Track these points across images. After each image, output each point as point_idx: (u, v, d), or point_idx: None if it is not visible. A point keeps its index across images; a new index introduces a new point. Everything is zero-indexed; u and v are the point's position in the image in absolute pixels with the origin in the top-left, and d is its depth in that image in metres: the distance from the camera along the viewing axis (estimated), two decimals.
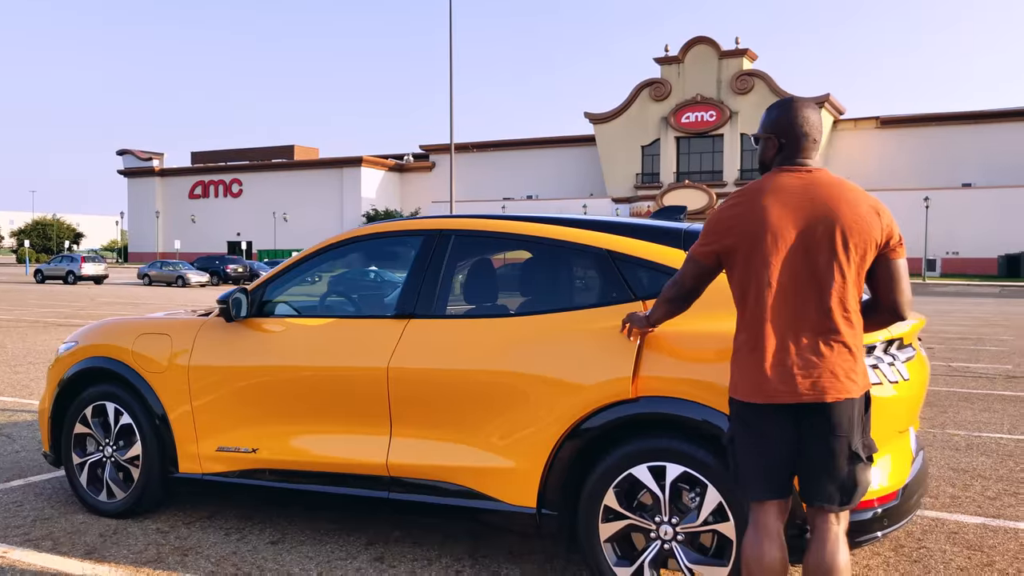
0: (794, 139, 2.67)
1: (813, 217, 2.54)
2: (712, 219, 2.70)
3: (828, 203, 2.56)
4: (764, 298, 2.56)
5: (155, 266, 44.06)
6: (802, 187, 2.60)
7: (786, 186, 2.61)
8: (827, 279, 2.53)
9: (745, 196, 2.65)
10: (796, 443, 2.60)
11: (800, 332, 2.54)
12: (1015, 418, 7.45)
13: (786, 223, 2.55)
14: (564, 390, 3.40)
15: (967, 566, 3.86)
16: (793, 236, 2.54)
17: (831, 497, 2.59)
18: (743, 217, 2.61)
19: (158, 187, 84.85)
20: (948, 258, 55.66)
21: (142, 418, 4.36)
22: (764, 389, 2.55)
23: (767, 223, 2.56)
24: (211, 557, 3.92)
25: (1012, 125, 59.84)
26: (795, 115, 2.67)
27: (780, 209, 2.56)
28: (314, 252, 4.25)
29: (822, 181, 2.61)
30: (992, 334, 15.99)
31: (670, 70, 65.08)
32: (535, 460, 3.45)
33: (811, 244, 2.53)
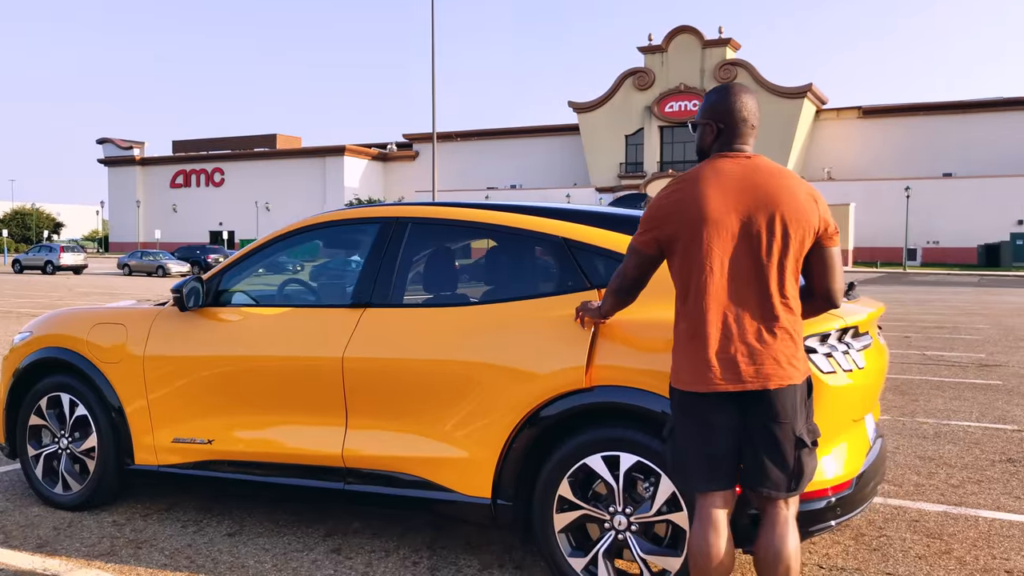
0: (733, 124, 2.64)
1: (754, 203, 2.52)
2: (651, 207, 2.66)
3: (769, 190, 2.54)
4: (706, 286, 2.53)
5: (135, 256, 43.69)
6: (742, 173, 2.57)
7: (726, 171, 2.58)
8: (769, 266, 2.52)
9: (684, 183, 2.61)
10: (740, 432, 2.58)
11: (743, 319, 2.52)
12: (984, 406, 7.49)
13: (727, 210, 2.52)
14: (518, 379, 3.36)
15: (925, 554, 3.86)
16: (735, 223, 2.52)
17: (778, 484, 2.58)
18: (683, 204, 2.57)
19: (139, 176, 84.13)
20: (929, 247, 56.04)
21: (97, 409, 4.29)
22: (708, 377, 2.52)
23: (707, 210, 2.52)
24: (165, 550, 3.87)
25: (992, 115, 60.22)
26: (733, 100, 2.64)
27: (721, 195, 2.53)
28: (271, 240, 4.19)
29: (761, 167, 2.59)
30: (968, 323, 16.09)
31: (654, 59, 65.01)
32: (490, 450, 3.41)
33: (753, 231, 2.52)
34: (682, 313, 2.62)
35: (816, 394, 2.99)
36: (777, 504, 2.61)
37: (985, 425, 6.68)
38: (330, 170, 76.27)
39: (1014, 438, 6.23)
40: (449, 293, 3.90)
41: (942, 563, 3.75)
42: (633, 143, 66.52)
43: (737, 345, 2.51)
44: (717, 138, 2.66)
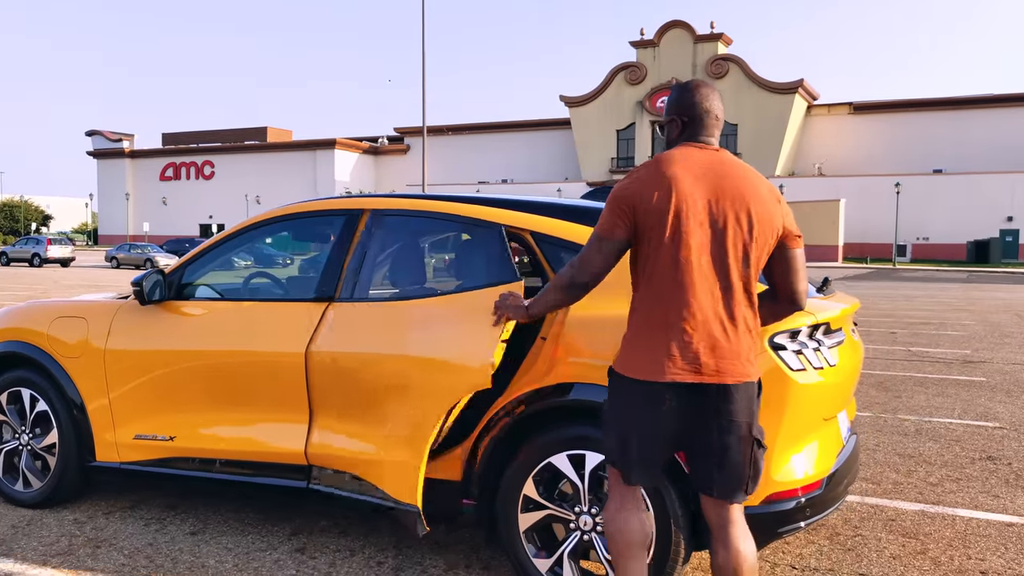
0: (696, 116, 2.58)
1: (722, 195, 2.46)
2: (617, 195, 2.54)
3: (737, 184, 2.48)
4: (670, 275, 2.45)
5: (123, 249, 43.43)
6: (710, 162, 2.51)
7: (694, 159, 2.51)
8: (735, 260, 2.45)
9: (650, 169, 2.52)
10: (684, 424, 2.48)
11: (706, 312, 2.44)
12: (966, 403, 7.44)
13: (696, 198, 2.45)
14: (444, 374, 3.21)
15: (900, 554, 3.80)
16: (702, 210, 2.45)
17: (735, 486, 2.50)
18: (651, 186, 2.47)
19: (128, 169, 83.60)
20: (918, 244, 56.17)
21: (58, 405, 4.19)
22: (667, 367, 2.43)
23: (676, 193, 2.44)
24: (124, 549, 3.77)
25: (983, 112, 60.32)
26: (695, 92, 2.59)
27: (691, 182, 2.46)
28: (236, 232, 4.09)
29: (727, 161, 2.53)
30: (955, 319, 16.08)
31: (646, 54, 64.90)
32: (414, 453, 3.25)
33: (720, 222, 2.45)
34: (642, 302, 2.52)
35: (785, 392, 2.93)
36: (732, 509, 2.53)
37: (967, 422, 6.63)
38: (321, 163, 75.97)
39: (995, 435, 6.19)
40: (416, 286, 3.81)
41: (916, 563, 3.69)
42: (624, 138, 66.43)
43: (700, 336, 2.42)
44: (682, 132, 2.61)
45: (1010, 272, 41.13)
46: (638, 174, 2.53)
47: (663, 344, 2.44)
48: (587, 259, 2.60)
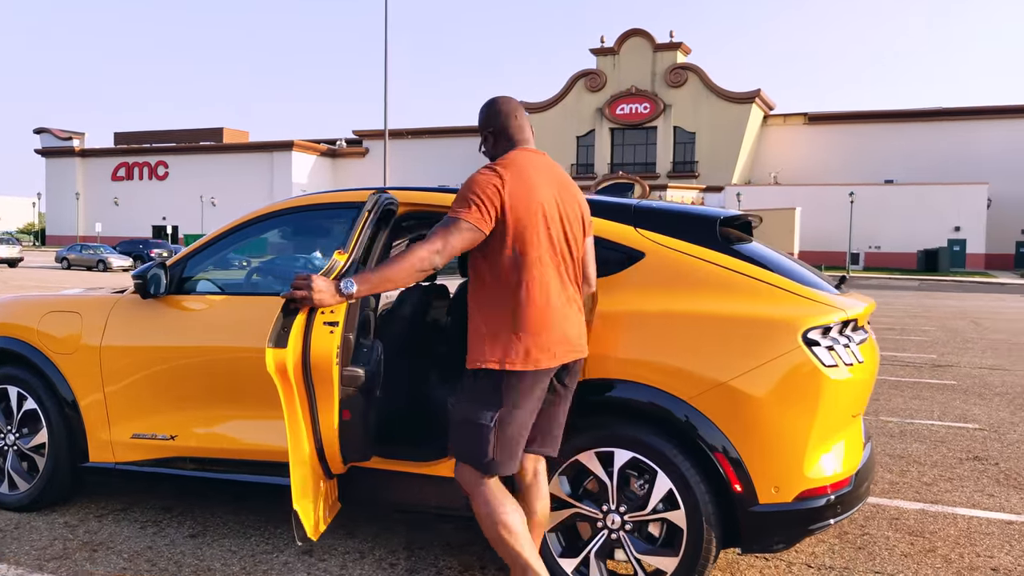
0: (502, 124, 2.85)
1: (562, 194, 2.81)
2: (487, 191, 2.66)
3: (567, 182, 2.87)
4: (540, 266, 2.70)
5: (74, 249, 42.33)
6: (546, 165, 2.83)
7: (534, 162, 2.79)
8: (576, 250, 2.83)
9: (511, 170, 2.72)
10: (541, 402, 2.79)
11: (563, 297, 2.75)
12: (944, 405, 7.57)
13: (549, 196, 2.75)
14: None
15: (911, 552, 3.82)
16: (555, 209, 2.76)
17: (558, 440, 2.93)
18: (518, 188, 2.68)
19: (79, 168, 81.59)
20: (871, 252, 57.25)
21: (48, 403, 4.02)
22: (554, 352, 2.69)
23: (536, 194, 2.71)
24: (124, 552, 3.63)
25: (934, 124, 61.75)
26: (493, 104, 2.89)
27: (543, 182, 2.76)
28: (239, 225, 3.96)
29: (553, 162, 2.88)
30: (915, 325, 16.40)
31: (606, 61, 65.27)
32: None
33: (567, 219, 2.79)
34: (515, 296, 2.68)
35: (819, 388, 2.92)
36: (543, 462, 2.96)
37: (948, 424, 6.73)
38: (278, 165, 74.98)
39: (977, 436, 6.29)
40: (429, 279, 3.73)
41: (929, 561, 3.71)
42: (584, 144, 66.71)
43: (569, 320, 2.76)
44: (497, 142, 2.88)
45: (958, 280, 42.13)
46: (502, 174, 2.71)
47: (548, 332, 2.69)
48: (454, 247, 2.65)
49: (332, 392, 2.92)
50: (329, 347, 2.87)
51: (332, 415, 2.94)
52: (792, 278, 3.16)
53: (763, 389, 2.92)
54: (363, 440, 3.09)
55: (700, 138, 61.76)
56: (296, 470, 2.92)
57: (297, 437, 2.92)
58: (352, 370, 2.97)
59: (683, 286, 3.14)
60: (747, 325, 2.99)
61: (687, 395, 2.97)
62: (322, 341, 2.87)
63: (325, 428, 2.96)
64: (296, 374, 2.86)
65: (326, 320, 2.88)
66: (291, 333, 2.82)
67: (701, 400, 2.96)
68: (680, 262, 3.18)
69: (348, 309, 2.91)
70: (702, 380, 2.97)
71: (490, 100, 2.93)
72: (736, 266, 3.14)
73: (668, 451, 2.97)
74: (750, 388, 2.92)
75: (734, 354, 2.96)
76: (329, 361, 2.87)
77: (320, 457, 3.01)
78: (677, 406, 2.97)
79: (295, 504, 2.91)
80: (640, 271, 3.21)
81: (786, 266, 3.30)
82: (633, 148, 65.78)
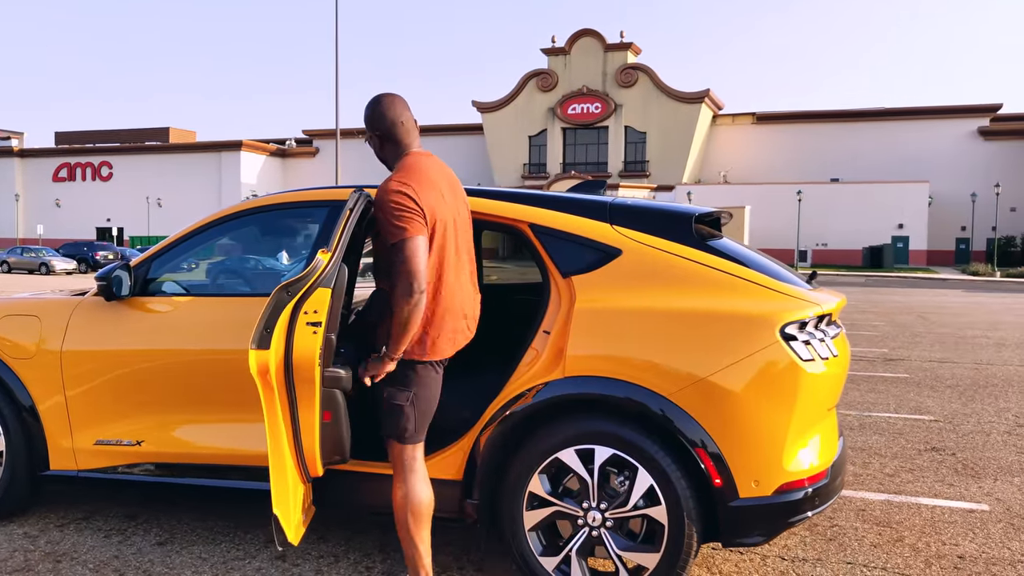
0: (387, 127, 2.96)
1: (457, 195, 3.04)
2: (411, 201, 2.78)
3: (457, 183, 3.09)
4: (453, 266, 2.93)
5: (15, 252, 41.15)
6: (439, 167, 3.00)
7: (433, 166, 2.96)
8: (472, 249, 3.09)
9: (414, 176, 2.85)
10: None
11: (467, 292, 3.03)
12: (899, 398, 7.73)
13: (451, 201, 2.96)
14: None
15: (880, 542, 3.88)
16: (456, 210, 2.99)
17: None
18: (430, 193, 2.84)
19: (18, 168, 79.29)
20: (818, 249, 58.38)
21: (5, 410, 3.88)
22: (458, 340, 2.98)
23: (443, 201, 2.90)
24: (89, 563, 3.53)
25: (878, 124, 63.21)
26: (378, 106, 2.97)
27: (445, 186, 2.95)
28: (204, 225, 3.87)
29: (443, 163, 3.05)
30: (864, 320, 16.75)
31: (557, 61, 65.52)
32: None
33: (463, 220, 3.04)
34: (438, 294, 2.90)
35: (797, 382, 2.95)
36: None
37: (904, 416, 6.88)
38: (226, 165, 73.78)
39: (933, 428, 6.44)
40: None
41: (897, 550, 3.78)
42: (536, 144, 66.90)
43: (470, 312, 3.05)
44: (384, 145, 3.01)
45: (902, 276, 43.21)
46: (414, 179, 2.84)
47: (456, 324, 2.96)
48: (419, 267, 2.79)
49: (313, 394, 2.86)
50: (312, 348, 2.81)
51: (313, 417, 2.89)
52: (767, 274, 3.19)
53: (742, 384, 2.94)
54: (342, 442, 3.04)
55: (651, 137, 62.35)
56: (276, 474, 2.86)
57: (277, 440, 2.86)
58: (333, 371, 2.92)
59: (661, 282, 3.15)
60: (725, 321, 3.01)
61: (667, 391, 2.98)
62: (305, 342, 2.82)
63: (305, 430, 2.90)
64: (278, 376, 2.80)
65: (309, 320, 2.82)
66: (274, 334, 2.76)
67: (681, 396, 2.97)
68: (657, 259, 3.19)
69: (330, 309, 2.86)
70: (681, 376, 2.98)
71: (375, 99, 2.99)
72: (712, 262, 3.16)
73: (648, 447, 2.97)
74: (729, 383, 2.94)
75: (713, 350, 2.98)
76: (312, 362, 2.81)
77: (299, 460, 2.95)
78: (657, 402, 2.98)
79: (275, 509, 2.85)
80: (617, 268, 3.21)
81: (760, 262, 3.33)
82: (585, 148, 66.16)
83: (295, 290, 2.81)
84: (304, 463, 2.96)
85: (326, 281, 2.84)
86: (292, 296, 2.81)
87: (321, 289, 2.83)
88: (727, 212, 3.79)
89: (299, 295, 2.81)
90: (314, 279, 2.82)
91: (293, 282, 2.83)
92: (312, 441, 2.92)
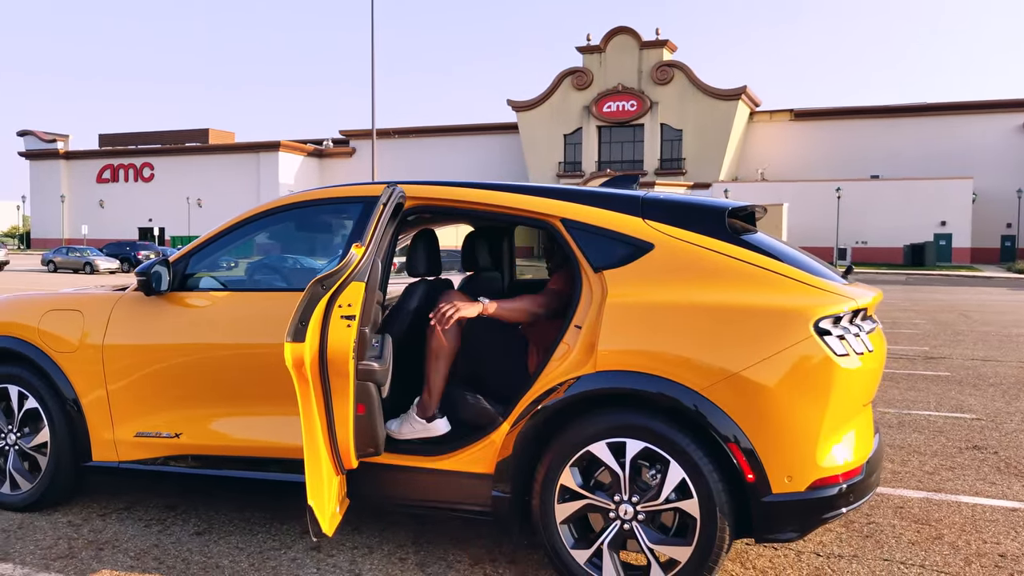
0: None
1: None
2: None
3: None
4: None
5: (60, 252, 42.04)
6: None
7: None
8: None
9: None
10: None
11: None
12: (939, 396, 7.60)
13: None
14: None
15: (918, 540, 3.83)
16: None
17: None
18: None
19: (63, 170, 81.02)
20: (858, 247, 57.52)
21: (50, 402, 3.99)
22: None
23: None
24: (130, 551, 3.60)
25: (918, 120, 62.14)
26: None
27: None
28: (243, 220, 3.93)
29: None
30: (905, 318, 16.48)
31: (592, 59, 65.31)
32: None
33: None
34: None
35: (831, 377, 2.92)
36: None
37: (945, 414, 6.76)
38: (264, 166, 74.68)
39: (975, 426, 6.32)
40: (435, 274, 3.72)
41: (936, 548, 3.72)
42: (572, 142, 66.75)
43: None
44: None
45: (945, 275, 42.43)
46: None
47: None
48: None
49: (348, 386, 2.90)
50: (346, 341, 2.85)
51: (347, 409, 2.93)
52: (801, 268, 3.16)
53: (775, 379, 2.92)
54: (376, 434, 3.07)
55: (687, 135, 61.87)
56: (311, 466, 2.90)
57: (312, 432, 2.90)
58: (367, 364, 2.96)
59: (693, 277, 3.14)
60: (758, 315, 2.99)
61: (699, 386, 2.97)
62: (339, 335, 2.85)
63: (340, 423, 2.94)
64: (312, 369, 2.85)
65: (343, 314, 2.86)
66: (309, 327, 2.80)
67: (713, 391, 2.96)
68: (690, 253, 3.18)
69: (364, 303, 2.90)
70: (714, 371, 2.97)
71: None
72: (746, 256, 3.14)
73: (680, 440, 2.96)
74: (762, 378, 2.92)
75: (746, 344, 2.96)
76: (346, 355, 2.85)
77: (334, 452, 2.99)
78: (689, 397, 2.97)
79: (310, 500, 2.89)
80: (649, 262, 3.20)
81: (794, 256, 3.30)
82: (620, 146, 65.86)
83: (330, 284, 2.85)
84: (338, 455, 3.00)
85: (360, 275, 2.88)
86: (327, 290, 2.85)
87: (355, 283, 2.87)
88: (761, 207, 3.76)
89: (333, 288, 2.86)
90: (348, 273, 2.86)
91: (328, 276, 2.87)
92: (346, 433, 2.96)
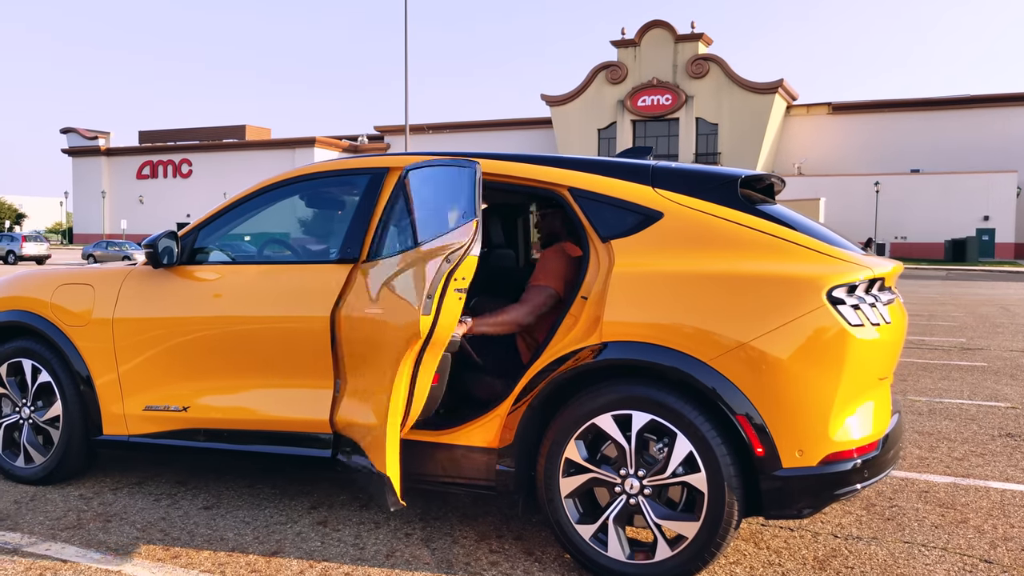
0: None
1: None
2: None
3: None
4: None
5: (100, 246, 42.82)
6: None
7: None
8: None
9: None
10: None
11: None
12: (973, 385, 7.40)
13: None
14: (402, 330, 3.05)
15: (941, 523, 3.70)
16: None
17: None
18: None
19: (104, 167, 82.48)
20: (897, 243, 56.58)
21: (62, 376, 4.00)
22: None
23: None
24: (137, 523, 3.60)
25: (958, 113, 60.89)
26: None
27: None
28: (250, 194, 3.91)
29: None
30: (943, 311, 16.13)
31: (626, 53, 64.89)
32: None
33: None
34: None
35: (844, 348, 2.81)
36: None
37: (978, 403, 6.57)
38: (300, 161, 75.32)
39: (1010, 415, 6.13)
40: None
41: (960, 532, 3.59)
42: (606, 137, 66.41)
43: None
44: None
45: (988, 270, 41.53)
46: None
47: None
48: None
49: (437, 357, 2.96)
50: (456, 313, 2.90)
51: (428, 379, 2.97)
52: (816, 237, 3.05)
53: (786, 349, 2.82)
54: (436, 402, 3.11)
55: (723, 129, 61.27)
56: (392, 436, 2.93)
57: (397, 403, 2.93)
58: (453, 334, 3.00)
59: (702, 245, 3.04)
60: (769, 284, 2.89)
61: (707, 356, 2.88)
62: (452, 307, 2.88)
63: (419, 393, 2.98)
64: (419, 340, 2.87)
65: (458, 287, 2.88)
66: (434, 301, 2.83)
67: (721, 361, 2.86)
68: (699, 221, 3.09)
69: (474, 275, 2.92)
70: (722, 341, 2.87)
71: None
72: (757, 224, 3.04)
73: (688, 413, 2.87)
74: (772, 348, 2.82)
75: (755, 314, 2.86)
76: (452, 327, 2.91)
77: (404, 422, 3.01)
78: (696, 368, 2.88)
79: (388, 470, 2.93)
80: (658, 231, 3.12)
81: (810, 225, 3.19)
82: (655, 140, 65.38)
83: (454, 258, 2.83)
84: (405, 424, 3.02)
85: (474, 249, 2.86)
86: (451, 264, 2.84)
87: (471, 256, 2.85)
88: (779, 177, 3.65)
89: (455, 263, 2.84)
90: (467, 246, 2.84)
91: (452, 250, 2.85)
92: (420, 403, 2.99)
